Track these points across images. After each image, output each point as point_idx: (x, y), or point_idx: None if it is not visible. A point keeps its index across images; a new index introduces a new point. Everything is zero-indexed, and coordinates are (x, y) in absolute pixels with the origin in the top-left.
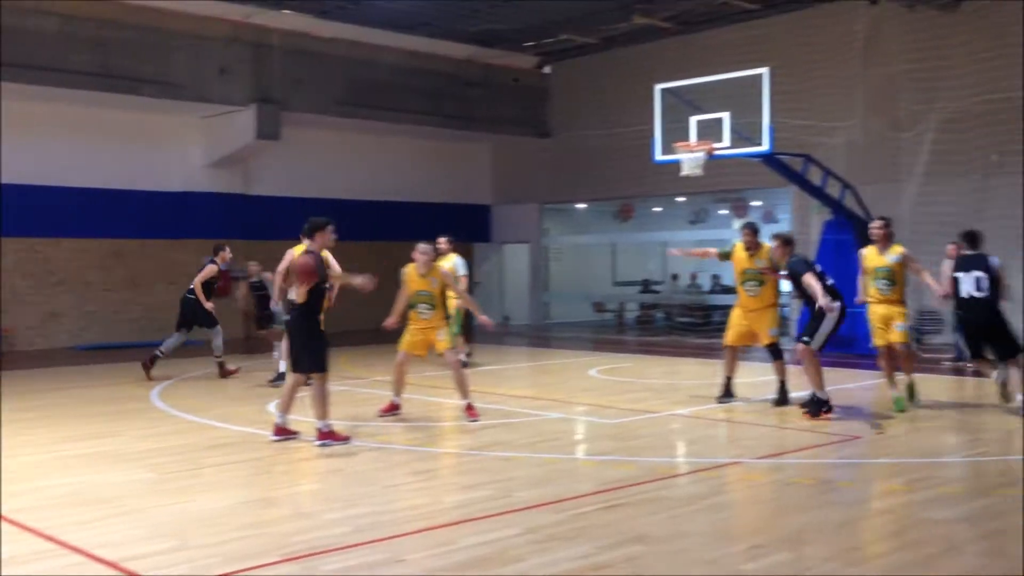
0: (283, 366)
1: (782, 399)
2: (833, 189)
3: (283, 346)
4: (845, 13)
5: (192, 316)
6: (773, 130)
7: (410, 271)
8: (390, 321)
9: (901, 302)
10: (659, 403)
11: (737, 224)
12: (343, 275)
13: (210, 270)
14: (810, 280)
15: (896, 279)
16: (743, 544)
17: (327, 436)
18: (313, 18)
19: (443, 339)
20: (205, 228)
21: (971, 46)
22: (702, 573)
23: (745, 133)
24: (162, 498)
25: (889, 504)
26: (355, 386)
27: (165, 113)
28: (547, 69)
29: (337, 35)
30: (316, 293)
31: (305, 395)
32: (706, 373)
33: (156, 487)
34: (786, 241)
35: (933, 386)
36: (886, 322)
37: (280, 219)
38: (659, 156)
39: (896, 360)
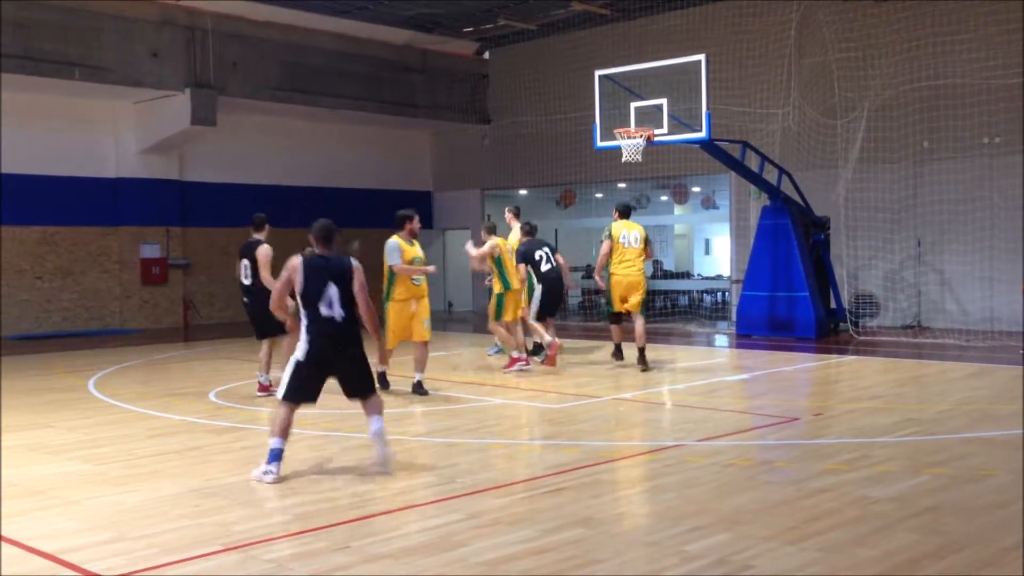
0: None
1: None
2: (770, 175)
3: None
4: (779, 1)
5: None
6: (711, 117)
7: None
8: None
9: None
10: (602, 388)
11: (678, 210)
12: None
13: None
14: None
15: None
16: (685, 525)
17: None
18: (247, 1)
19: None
20: (139, 215)
21: (901, 35)
22: (645, 554)
23: (684, 120)
24: (98, 489)
25: (826, 483)
26: None
27: (97, 98)
28: (487, 55)
29: (272, 19)
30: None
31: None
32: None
33: (92, 478)
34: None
35: (873, 367)
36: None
37: (216, 206)
38: (600, 143)
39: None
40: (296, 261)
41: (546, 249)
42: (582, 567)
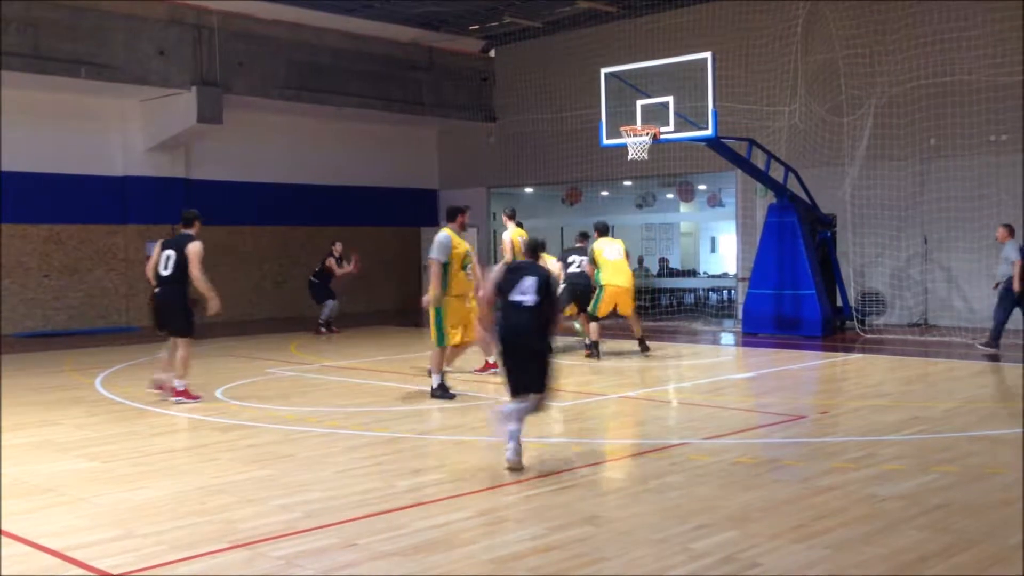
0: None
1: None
2: (776, 172)
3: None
4: None
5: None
6: (717, 114)
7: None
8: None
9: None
10: (607, 386)
11: (684, 208)
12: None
13: None
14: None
15: None
16: (691, 523)
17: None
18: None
19: None
20: (146, 213)
21: (908, 32)
22: (652, 552)
23: (690, 117)
24: (105, 486)
25: (833, 482)
26: (304, 372)
27: (104, 96)
28: (492, 53)
29: (279, 17)
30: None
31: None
32: (654, 355)
33: (99, 475)
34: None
35: (880, 365)
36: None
37: (223, 204)
38: (606, 140)
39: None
40: (501, 266)
41: (581, 257)
42: (589, 565)
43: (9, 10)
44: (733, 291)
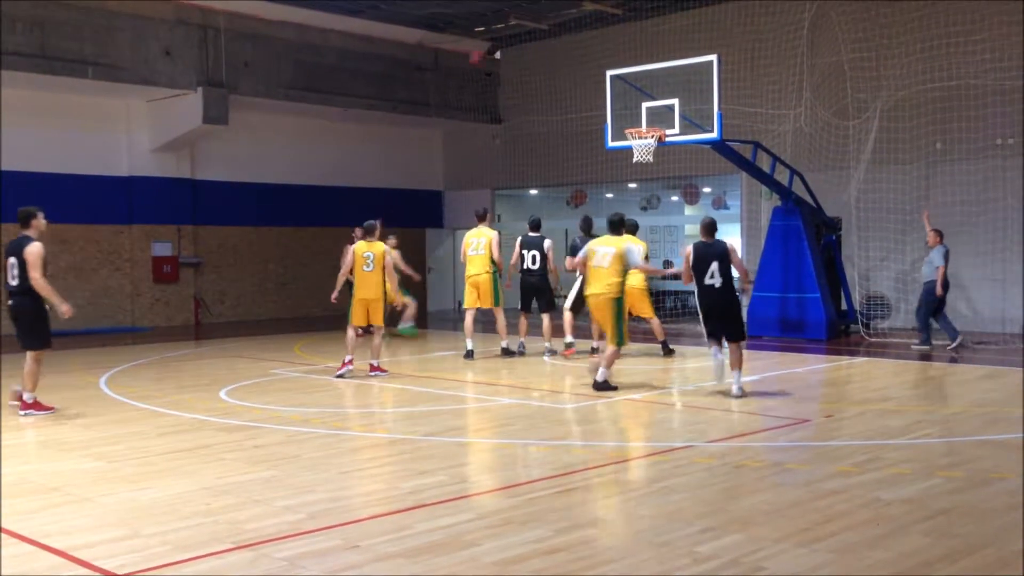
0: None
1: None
2: (781, 175)
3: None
4: (791, 1)
5: None
6: (722, 117)
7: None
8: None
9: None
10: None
11: (689, 210)
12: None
13: None
14: None
15: None
16: (696, 526)
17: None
18: (260, 0)
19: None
20: (152, 213)
21: (914, 35)
22: (656, 555)
23: (695, 120)
24: (111, 486)
25: (838, 485)
26: (309, 372)
27: (110, 96)
28: (498, 55)
29: (285, 18)
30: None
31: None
32: (658, 358)
33: (104, 475)
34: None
35: (884, 369)
36: None
37: (228, 204)
38: (611, 143)
39: None
40: (690, 248)
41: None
42: (593, 568)
43: (15, 9)
44: (738, 294)
